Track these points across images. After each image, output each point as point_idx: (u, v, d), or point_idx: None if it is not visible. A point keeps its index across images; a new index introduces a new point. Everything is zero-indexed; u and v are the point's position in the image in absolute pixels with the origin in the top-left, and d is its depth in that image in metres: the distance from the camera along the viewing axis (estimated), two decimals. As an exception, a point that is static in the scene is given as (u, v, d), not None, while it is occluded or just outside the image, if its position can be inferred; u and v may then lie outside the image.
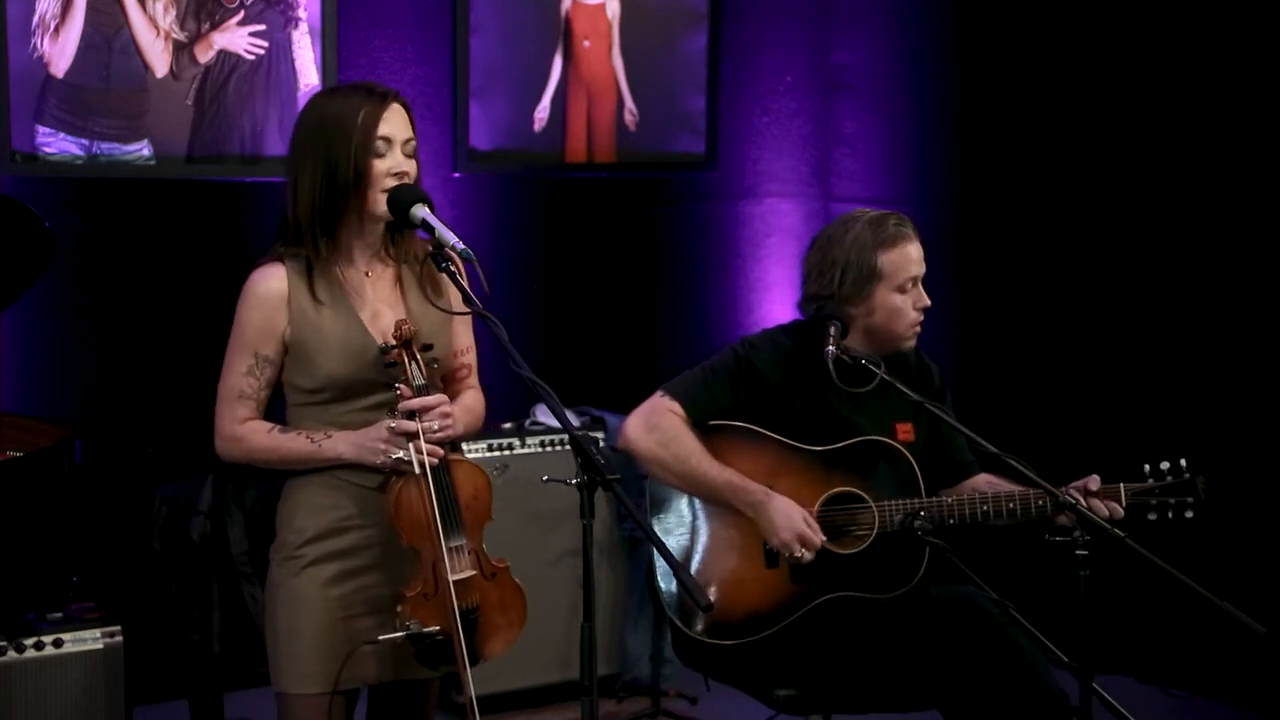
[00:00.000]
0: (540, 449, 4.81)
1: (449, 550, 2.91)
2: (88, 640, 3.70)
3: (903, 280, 3.52)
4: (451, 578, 2.89)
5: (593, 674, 2.66)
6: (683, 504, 3.58)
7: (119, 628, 3.74)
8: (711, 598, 3.48)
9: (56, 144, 4.50)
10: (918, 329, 3.59)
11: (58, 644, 3.66)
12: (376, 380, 2.97)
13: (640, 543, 4.78)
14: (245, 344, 2.97)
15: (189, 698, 3.71)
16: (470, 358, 3.17)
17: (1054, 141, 5.24)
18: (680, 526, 3.59)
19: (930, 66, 5.62)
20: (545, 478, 3.44)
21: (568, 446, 3.03)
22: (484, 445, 4.72)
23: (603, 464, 2.63)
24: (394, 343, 2.93)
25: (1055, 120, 5.23)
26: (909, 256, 3.53)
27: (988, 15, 5.40)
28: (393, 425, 2.91)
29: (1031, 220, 5.30)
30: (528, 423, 4.91)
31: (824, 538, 3.42)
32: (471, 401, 3.16)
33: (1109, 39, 5.10)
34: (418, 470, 2.89)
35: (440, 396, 2.96)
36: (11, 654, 3.61)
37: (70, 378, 4.64)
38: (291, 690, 2.98)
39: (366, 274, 3.02)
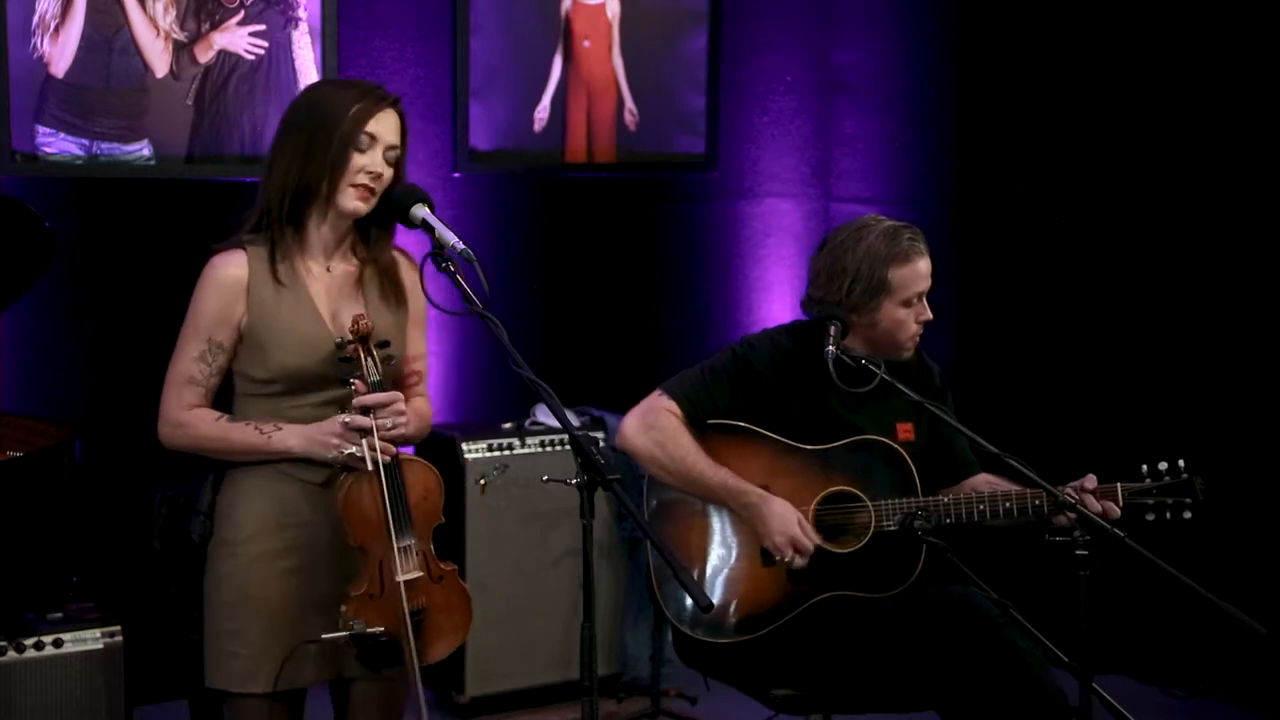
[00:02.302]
0: (540, 449, 4.81)
1: (398, 550, 2.89)
2: (88, 640, 3.71)
3: (909, 295, 3.51)
4: (399, 578, 2.88)
5: (593, 674, 2.66)
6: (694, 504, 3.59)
7: (119, 628, 3.74)
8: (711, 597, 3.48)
9: (56, 144, 4.50)
10: (917, 340, 3.59)
11: (58, 644, 3.66)
12: (329, 375, 2.96)
13: (640, 543, 4.78)
14: (199, 329, 2.96)
15: (189, 698, 3.70)
16: (421, 365, 3.16)
17: (1054, 141, 5.24)
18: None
19: (930, 66, 5.62)
20: (545, 478, 3.45)
21: (568, 446, 3.03)
22: (484, 445, 4.72)
23: (603, 464, 2.63)
24: (350, 337, 2.91)
25: (1055, 120, 5.23)
26: (919, 273, 3.52)
27: (988, 16, 5.40)
28: (347, 420, 2.89)
29: (1031, 220, 5.30)
30: (528, 423, 4.91)
31: (819, 540, 3.42)
32: (422, 406, 3.15)
33: (1109, 39, 5.10)
34: (370, 467, 2.87)
35: (395, 394, 2.94)
36: (11, 654, 3.62)
37: (70, 378, 4.64)
38: (232, 689, 2.96)
39: (328, 269, 3.01)
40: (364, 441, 2.88)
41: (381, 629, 2.90)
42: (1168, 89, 4.99)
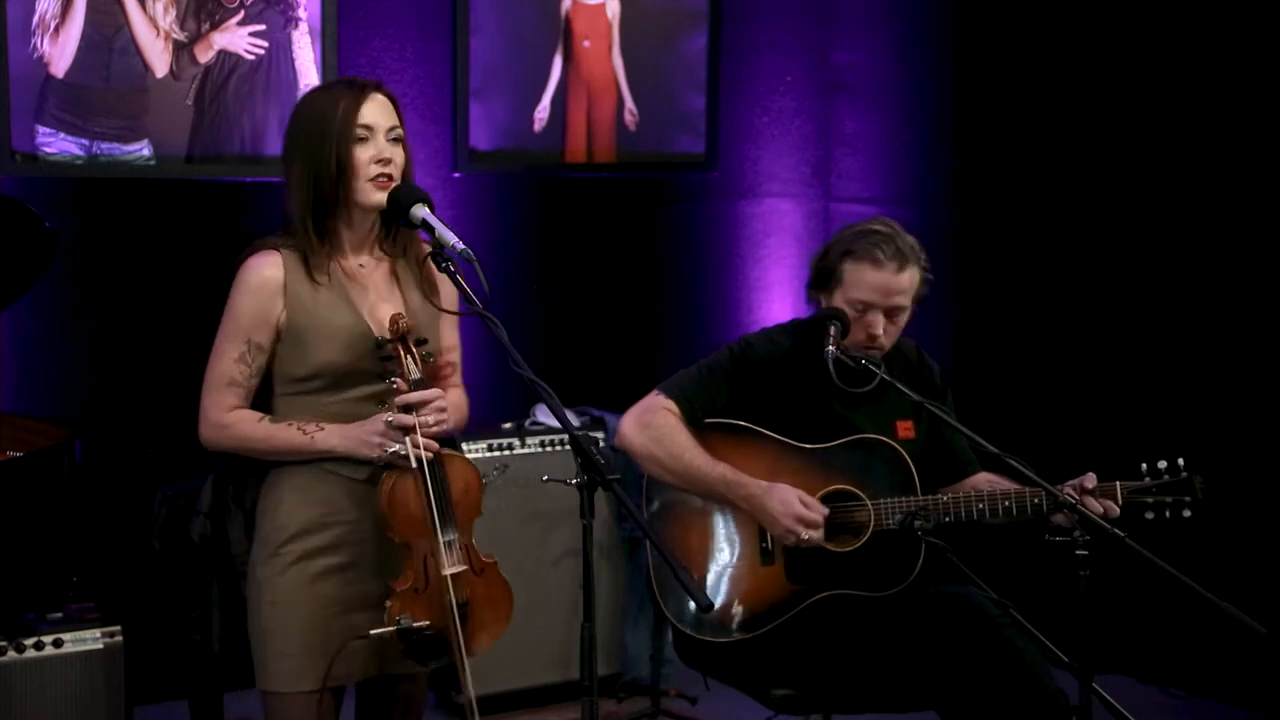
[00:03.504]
0: (540, 449, 4.81)
1: (443, 545, 2.92)
2: (88, 640, 3.71)
3: (855, 298, 3.48)
4: (445, 571, 2.91)
5: (593, 674, 2.66)
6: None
7: (119, 628, 3.74)
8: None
9: (56, 144, 4.50)
10: (869, 351, 3.50)
11: (58, 644, 3.66)
12: (369, 371, 2.98)
13: (640, 543, 4.77)
14: (238, 330, 2.98)
15: (189, 698, 3.71)
16: (455, 356, 3.18)
17: (1054, 141, 5.24)
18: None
19: (930, 66, 5.62)
20: (545, 478, 3.45)
21: (568, 446, 3.04)
22: (484, 445, 4.72)
23: (603, 464, 2.63)
24: (390, 336, 2.94)
25: (1055, 120, 5.23)
26: (868, 280, 3.47)
27: (988, 16, 5.40)
28: (389, 419, 2.91)
29: (1031, 220, 5.30)
30: (528, 423, 4.91)
31: (826, 510, 3.41)
32: (457, 399, 3.17)
33: (1109, 39, 5.10)
34: (414, 465, 2.90)
35: (436, 391, 2.97)
36: (11, 654, 3.62)
37: (70, 378, 4.64)
38: (281, 689, 2.98)
39: (360, 266, 3.04)
40: (407, 439, 2.90)
41: (427, 623, 2.93)
42: (1168, 89, 4.99)
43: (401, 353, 2.94)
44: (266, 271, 2.97)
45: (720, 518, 3.56)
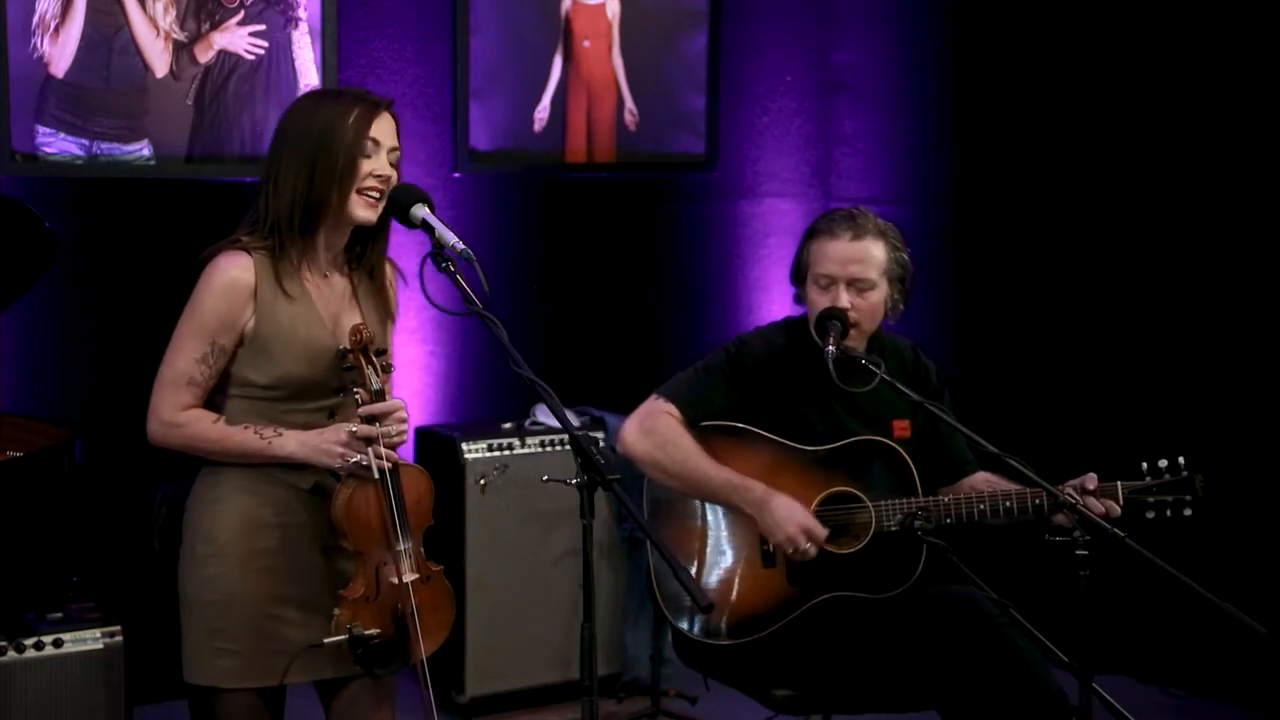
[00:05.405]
0: (540, 449, 4.81)
1: (399, 553, 2.92)
2: (88, 640, 3.70)
3: (819, 274, 3.50)
4: (406, 579, 2.92)
5: (593, 674, 2.66)
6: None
7: (119, 628, 3.74)
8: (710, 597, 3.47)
9: (56, 144, 4.50)
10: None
11: (58, 644, 3.66)
12: (328, 384, 2.98)
13: (640, 543, 4.77)
14: (203, 330, 2.95)
15: (189, 698, 3.71)
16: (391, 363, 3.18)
17: (1054, 141, 5.24)
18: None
19: (930, 66, 5.63)
20: (545, 478, 3.46)
21: (568, 446, 3.03)
22: (484, 445, 4.72)
23: (603, 464, 2.63)
24: (352, 347, 2.93)
25: (1055, 120, 5.23)
26: (826, 253, 3.50)
27: (988, 16, 5.40)
28: (354, 430, 2.91)
29: (1031, 220, 5.30)
30: (528, 423, 4.91)
31: (827, 530, 3.41)
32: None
33: (1109, 39, 5.10)
34: (377, 475, 2.90)
35: (399, 402, 2.97)
36: (11, 654, 3.61)
37: (70, 378, 4.64)
38: (225, 685, 2.97)
39: (325, 277, 3.03)
40: (369, 450, 2.90)
41: (378, 631, 2.93)
42: (1168, 89, 4.99)
43: (363, 363, 2.93)
44: (238, 273, 2.94)
45: (721, 520, 3.55)
